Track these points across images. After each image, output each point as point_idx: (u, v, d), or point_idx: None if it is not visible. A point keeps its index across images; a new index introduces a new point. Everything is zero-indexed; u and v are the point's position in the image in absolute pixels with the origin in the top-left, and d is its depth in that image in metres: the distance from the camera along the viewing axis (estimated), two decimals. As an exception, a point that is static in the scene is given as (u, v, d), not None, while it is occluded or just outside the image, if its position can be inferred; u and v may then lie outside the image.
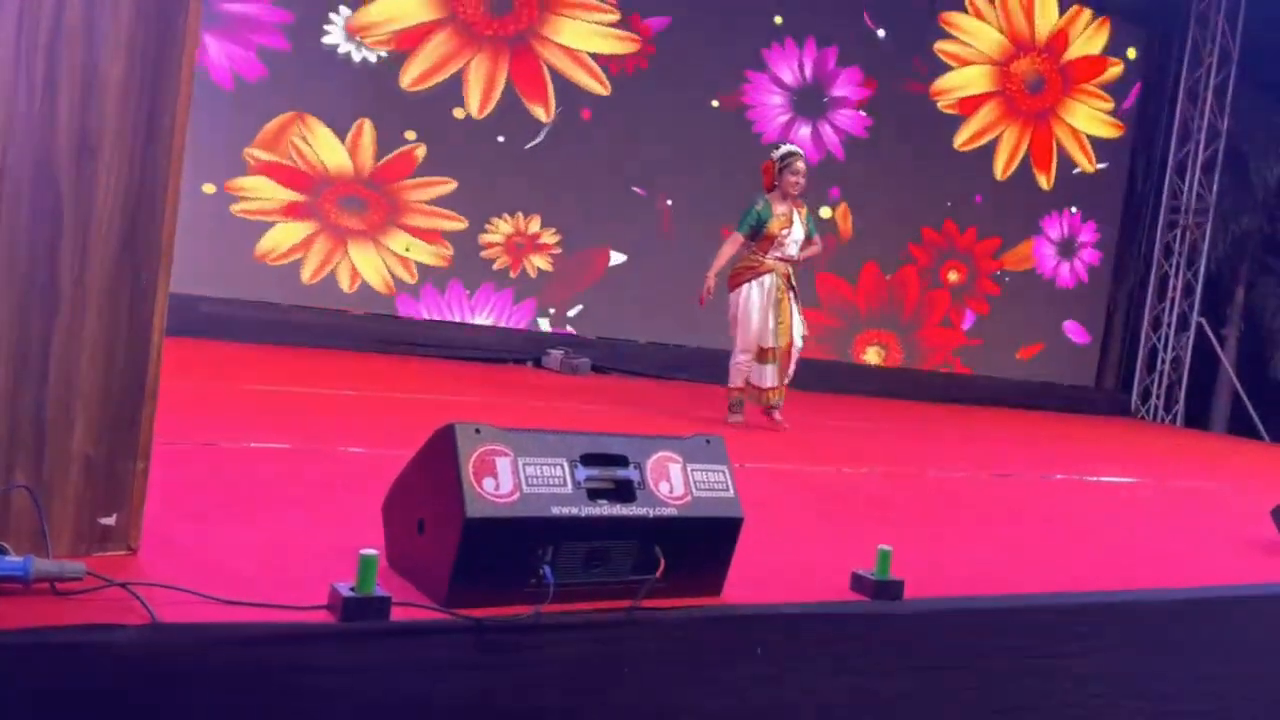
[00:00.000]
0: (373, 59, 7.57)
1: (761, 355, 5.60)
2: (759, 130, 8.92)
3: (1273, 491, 4.75)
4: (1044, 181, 10.41)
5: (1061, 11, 10.23)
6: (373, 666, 1.86)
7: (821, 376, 8.33)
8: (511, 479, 2.03)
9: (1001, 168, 10.16)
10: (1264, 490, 5.28)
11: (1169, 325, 10.92)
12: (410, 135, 7.72)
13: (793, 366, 5.73)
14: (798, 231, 5.67)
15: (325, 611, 1.89)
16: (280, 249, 7.43)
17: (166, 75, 1.98)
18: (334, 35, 7.44)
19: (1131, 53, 10.60)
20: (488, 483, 2.01)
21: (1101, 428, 9.24)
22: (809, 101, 9.15)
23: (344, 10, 7.44)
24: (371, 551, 1.89)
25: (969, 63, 9.83)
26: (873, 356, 9.75)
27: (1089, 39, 10.42)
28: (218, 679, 1.73)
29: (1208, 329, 10.72)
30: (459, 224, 7.96)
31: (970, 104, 9.90)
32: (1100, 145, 10.66)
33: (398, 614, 1.92)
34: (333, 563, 2.18)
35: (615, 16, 8.28)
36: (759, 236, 5.61)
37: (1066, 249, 10.66)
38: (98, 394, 1.98)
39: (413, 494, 2.17)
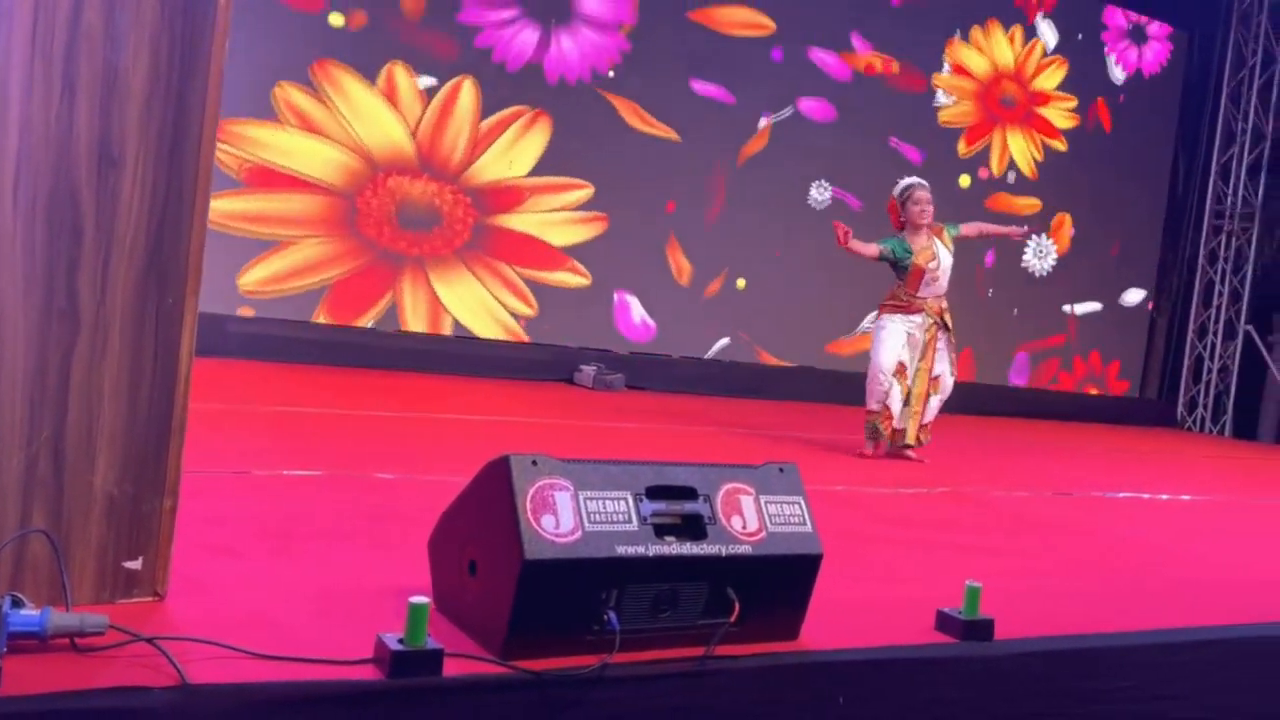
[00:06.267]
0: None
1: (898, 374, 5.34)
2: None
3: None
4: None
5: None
6: (424, 726, 1.68)
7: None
8: (573, 516, 1.85)
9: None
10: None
11: (1215, 334, 10.61)
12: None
13: (930, 413, 5.44)
14: (945, 259, 5.36)
15: (372, 666, 1.71)
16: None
17: (194, 77, 1.82)
18: None
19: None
20: (547, 520, 1.82)
21: (1150, 439, 8.95)
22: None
23: None
24: (422, 600, 1.71)
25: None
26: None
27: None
28: (254, 745, 1.55)
29: (1256, 337, 10.41)
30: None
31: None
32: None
33: (450, 667, 1.73)
34: (376, 605, 2.00)
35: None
36: (904, 271, 5.33)
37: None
38: (121, 427, 1.81)
39: (463, 531, 1.98)
